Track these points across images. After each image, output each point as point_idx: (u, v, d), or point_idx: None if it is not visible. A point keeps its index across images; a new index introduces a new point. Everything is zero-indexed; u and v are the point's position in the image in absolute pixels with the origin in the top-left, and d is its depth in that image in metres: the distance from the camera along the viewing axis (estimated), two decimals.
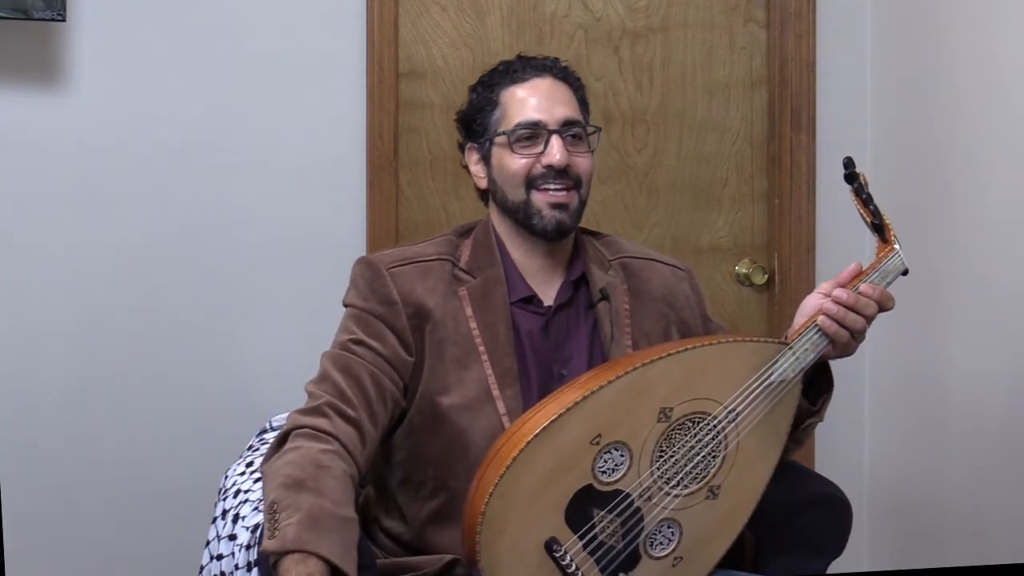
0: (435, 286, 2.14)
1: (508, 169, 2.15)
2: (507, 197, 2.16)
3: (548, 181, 2.12)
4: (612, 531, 1.95)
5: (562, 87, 2.19)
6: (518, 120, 2.14)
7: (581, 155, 2.16)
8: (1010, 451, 2.67)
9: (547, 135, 2.13)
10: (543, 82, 2.17)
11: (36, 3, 2.67)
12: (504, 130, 2.15)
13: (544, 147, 2.13)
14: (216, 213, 2.92)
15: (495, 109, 2.18)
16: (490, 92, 2.20)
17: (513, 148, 2.14)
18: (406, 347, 2.11)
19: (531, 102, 2.15)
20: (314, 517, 1.86)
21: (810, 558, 2.16)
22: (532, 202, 2.13)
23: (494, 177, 2.19)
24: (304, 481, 1.91)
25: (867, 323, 2.02)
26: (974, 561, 2.77)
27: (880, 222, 2.06)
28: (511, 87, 2.18)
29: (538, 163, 2.13)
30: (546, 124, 2.14)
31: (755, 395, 1.99)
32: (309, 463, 1.95)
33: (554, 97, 2.16)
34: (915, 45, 3.05)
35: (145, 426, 2.89)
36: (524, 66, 2.20)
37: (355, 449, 2.02)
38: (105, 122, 2.85)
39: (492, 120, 2.18)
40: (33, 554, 2.80)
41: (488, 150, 2.19)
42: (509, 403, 2.08)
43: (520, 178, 2.13)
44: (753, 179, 3.23)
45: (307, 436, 2.00)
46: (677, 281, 2.29)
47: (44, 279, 2.84)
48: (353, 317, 2.15)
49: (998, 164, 2.71)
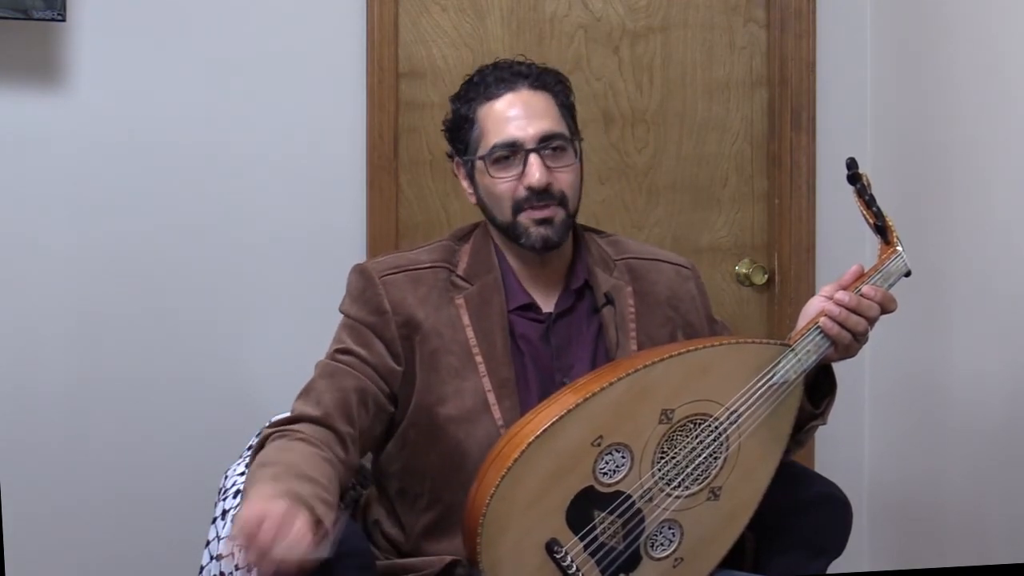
0: (428, 295, 2.12)
1: (491, 192, 2.11)
2: (495, 216, 2.14)
3: (532, 202, 2.08)
4: (613, 532, 1.96)
5: (539, 97, 2.12)
6: (494, 141, 2.09)
7: (563, 169, 2.10)
8: (1010, 451, 2.67)
9: (524, 154, 2.08)
10: (517, 96, 2.10)
11: (36, 3, 2.67)
12: (482, 153, 2.11)
13: (523, 167, 2.08)
14: (216, 213, 2.92)
15: (473, 127, 2.13)
16: (467, 108, 2.14)
17: (491, 172, 2.10)
18: (394, 356, 2.10)
19: (506, 120, 2.09)
20: (272, 475, 1.87)
21: (810, 558, 2.16)
22: (519, 223, 2.09)
23: (481, 196, 2.16)
24: (264, 462, 1.94)
25: (869, 325, 2.02)
26: (974, 561, 2.77)
27: (883, 224, 2.06)
28: (486, 103, 2.12)
29: (520, 185, 2.08)
30: (523, 143, 2.08)
31: (757, 397, 1.99)
32: (272, 451, 1.98)
33: (530, 111, 2.09)
34: (915, 45, 3.05)
35: (145, 426, 2.89)
36: (497, 78, 2.13)
37: (330, 443, 2.02)
38: (105, 122, 2.85)
39: (472, 139, 2.13)
40: (33, 554, 2.80)
41: (471, 169, 2.16)
42: (507, 414, 2.06)
43: (506, 202, 2.10)
44: (753, 179, 3.23)
45: (275, 438, 2.02)
46: (682, 282, 2.27)
47: (44, 279, 2.84)
48: (345, 326, 2.15)
49: (998, 164, 2.71)
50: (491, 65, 2.18)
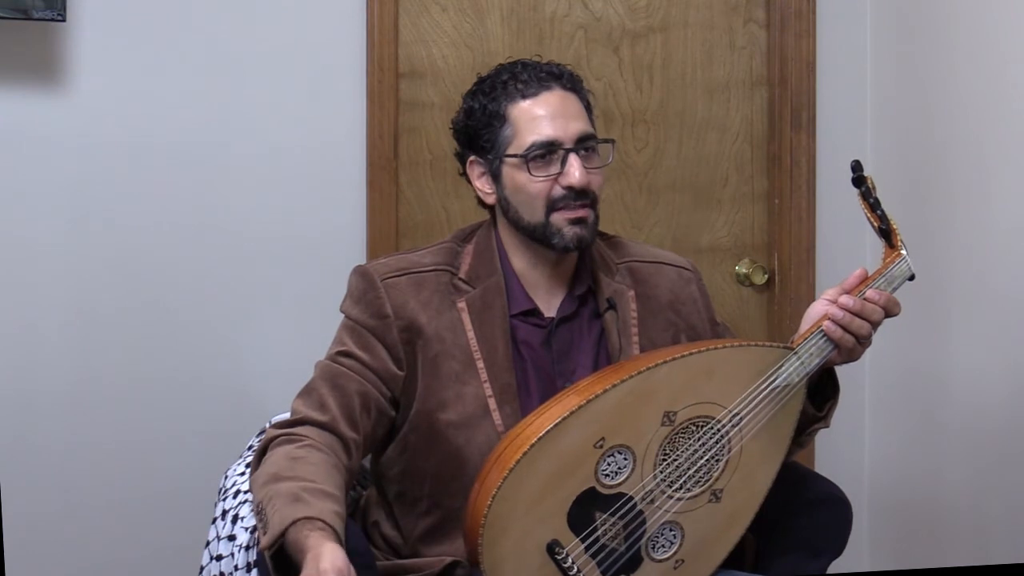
0: (430, 299, 2.11)
1: (525, 191, 2.08)
2: (522, 216, 2.10)
3: (568, 202, 2.06)
4: (614, 534, 1.96)
5: (572, 98, 2.11)
6: (532, 139, 2.06)
7: (595, 171, 2.09)
8: (1010, 451, 2.67)
9: (564, 154, 2.06)
10: (553, 96, 2.09)
11: (36, 3, 2.66)
12: (517, 152, 2.08)
13: (561, 166, 2.06)
14: (216, 213, 2.92)
15: (504, 125, 2.09)
16: (496, 105, 2.10)
17: (530, 170, 2.07)
18: (396, 361, 2.09)
19: (545, 119, 2.07)
20: (293, 495, 1.87)
21: (810, 558, 2.16)
22: (552, 223, 2.07)
23: (506, 196, 2.11)
24: (279, 474, 1.93)
25: (873, 329, 2.02)
26: (974, 561, 2.77)
27: (887, 227, 2.05)
28: (520, 101, 2.09)
29: (556, 184, 2.07)
30: (562, 142, 2.07)
31: (759, 399, 1.99)
32: (283, 459, 1.97)
33: (567, 112, 2.08)
34: (915, 45, 3.05)
35: (145, 426, 2.89)
36: (531, 77, 2.11)
37: (335, 449, 2.02)
38: (105, 122, 2.84)
39: (502, 137, 2.10)
40: (33, 554, 2.80)
41: (498, 168, 2.12)
42: (507, 420, 2.06)
43: (540, 201, 2.07)
44: (753, 179, 3.23)
45: (282, 442, 2.01)
46: (684, 284, 2.26)
47: (44, 279, 2.83)
48: (347, 328, 2.14)
49: (999, 164, 2.71)
50: (519, 63, 2.15)
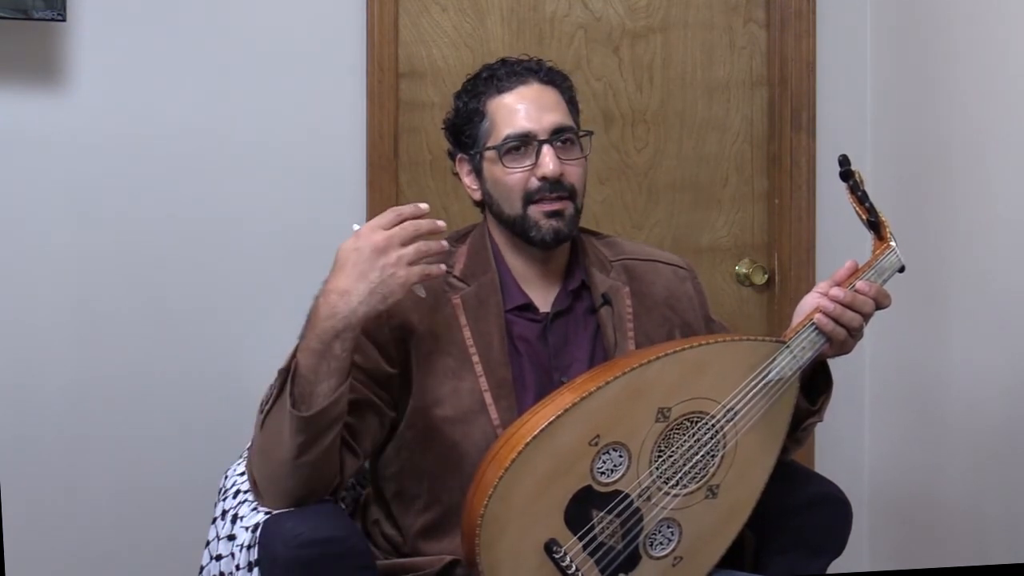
0: (423, 298, 2.11)
1: (502, 184, 2.11)
2: (503, 210, 2.13)
3: (544, 194, 2.09)
4: (612, 532, 1.95)
5: (549, 91, 2.14)
6: (507, 132, 2.10)
7: (572, 162, 2.11)
8: (1009, 450, 2.67)
9: (537, 145, 2.09)
10: (529, 89, 2.12)
11: (36, 3, 2.67)
12: (493, 144, 2.11)
13: (536, 158, 2.09)
14: (216, 213, 2.92)
15: (483, 120, 2.13)
16: (476, 102, 2.15)
17: (504, 162, 2.10)
18: (388, 360, 2.09)
19: (519, 111, 2.10)
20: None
21: (810, 558, 2.16)
22: (528, 215, 2.10)
23: (488, 190, 2.15)
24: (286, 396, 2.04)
25: (864, 321, 2.02)
26: (974, 561, 2.77)
27: (876, 219, 2.07)
28: (497, 96, 2.13)
29: (532, 176, 2.09)
30: (536, 134, 2.09)
31: (753, 394, 1.99)
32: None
33: (542, 104, 2.11)
34: (915, 45, 3.05)
35: (145, 426, 2.89)
36: (508, 72, 2.15)
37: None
38: (105, 122, 2.85)
39: (481, 132, 2.14)
40: (33, 554, 2.80)
41: (479, 163, 2.16)
42: (503, 415, 2.06)
43: (517, 193, 2.10)
44: (753, 179, 3.23)
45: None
46: (679, 282, 2.27)
47: (44, 278, 2.84)
48: None
49: (998, 163, 2.71)
50: (499, 61, 2.20)
